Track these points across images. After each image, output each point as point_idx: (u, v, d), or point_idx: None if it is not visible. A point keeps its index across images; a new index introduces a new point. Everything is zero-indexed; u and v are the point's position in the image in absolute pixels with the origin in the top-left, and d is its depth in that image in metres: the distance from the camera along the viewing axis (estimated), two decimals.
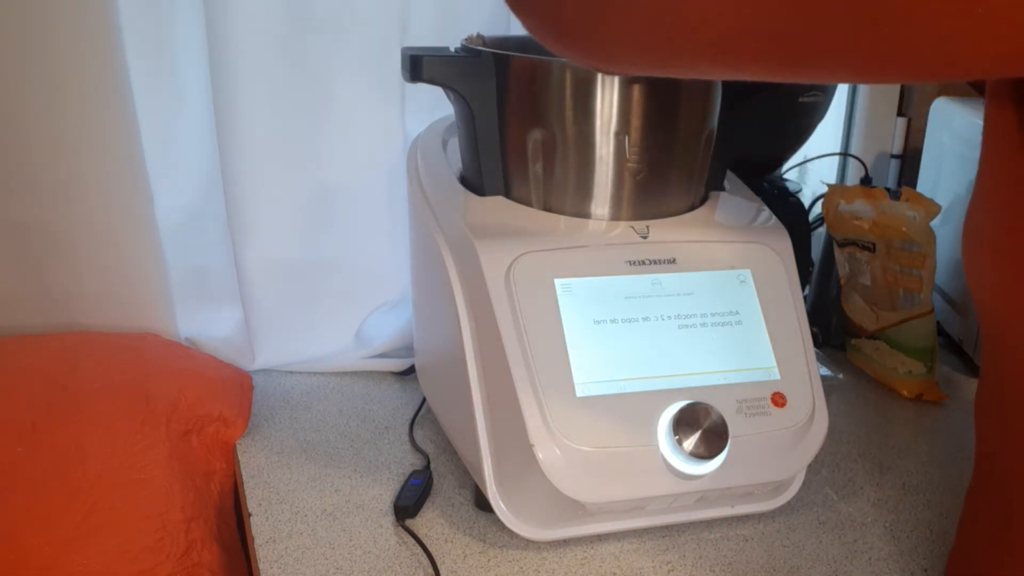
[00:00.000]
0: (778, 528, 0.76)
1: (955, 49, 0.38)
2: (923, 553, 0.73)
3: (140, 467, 0.77)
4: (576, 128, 0.69)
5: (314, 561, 0.70)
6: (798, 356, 0.71)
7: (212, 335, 0.99)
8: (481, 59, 0.71)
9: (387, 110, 0.94)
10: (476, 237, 0.68)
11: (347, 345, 1.02)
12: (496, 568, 0.70)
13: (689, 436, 0.64)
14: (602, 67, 0.52)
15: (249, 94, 0.89)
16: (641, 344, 0.67)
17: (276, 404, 0.93)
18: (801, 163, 1.19)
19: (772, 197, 0.93)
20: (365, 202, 0.97)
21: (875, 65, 0.41)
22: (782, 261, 0.73)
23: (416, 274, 0.87)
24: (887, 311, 0.98)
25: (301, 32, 0.89)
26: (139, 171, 0.90)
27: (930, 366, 0.97)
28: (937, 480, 0.84)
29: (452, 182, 0.77)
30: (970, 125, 1.05)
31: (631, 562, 0.71)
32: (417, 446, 0.86)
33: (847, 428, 0.92)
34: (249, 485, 0.80)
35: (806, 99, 0.94)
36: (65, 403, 0.80)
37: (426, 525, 0.75)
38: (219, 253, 0.98)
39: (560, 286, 0.67)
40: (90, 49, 0.84)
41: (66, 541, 0.71)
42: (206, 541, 0.77)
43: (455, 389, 0.74)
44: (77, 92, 0.85)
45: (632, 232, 0.71)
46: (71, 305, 0.94)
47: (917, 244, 0.95)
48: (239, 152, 0.91)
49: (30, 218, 0.90)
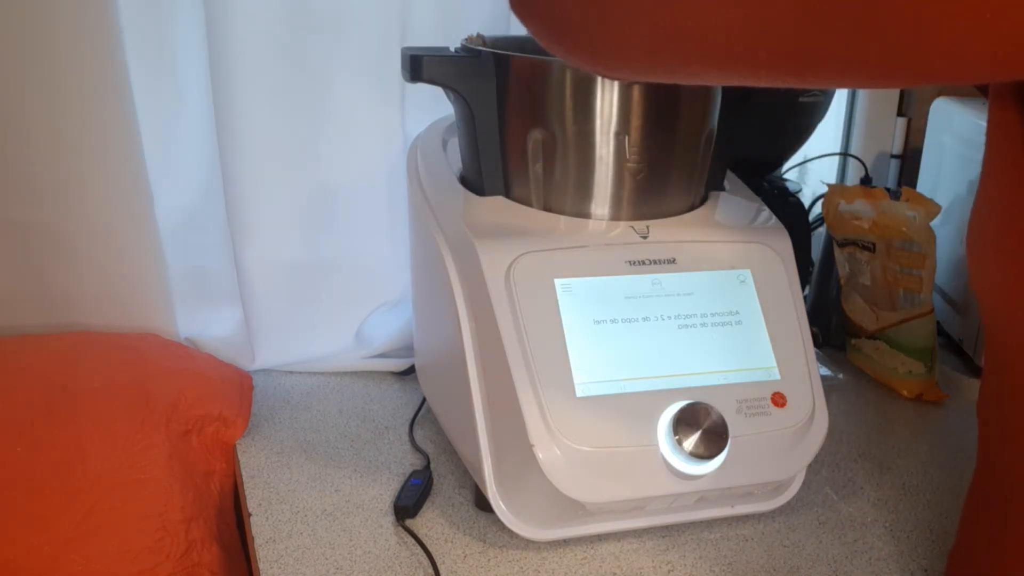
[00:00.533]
0: (778, 528, 0.76)
1: (962, 54, 0.38)
2: (923, 553, 0.73)
3: (140, 467, 0.77)
4: (576, 128, 0.69)
5: (314, 561, 0.70)
6: (798, 356, 0.71)
7: (212, 335, 0.99)
8: (481, 59, 0.71)
9: (387, 110, 0.94)
10: (476, 237, 0.68)
11: (347, 345, 1.02)
12: (496, 568, 0.70)
13: (689, 436, 0.64)
14: (606, 73, 0.52)
15: (249, 94, 0.89)
16: (641, 344, 0.67)
17: (276, 404, 0.93)
18: (801, 163, 1.19)
19: (772, 197, 0.93)
20: (365, 202, 0.97)
21: (882, 71, 0.41)
22: (782, 261, 0.73)
23: (416, 274, 0.87)
24: (887, 311, 0.98)
25: (301, 32, 0.89)
26: (139, 171, 0.90)
27: (930, 366, 0.97)
28: (937, 480, 0.84)
29: (452, 182, 0.77)
30: (970, 125, 1.05)
31: (631, 562, 0.71)
32: (417, 446, 0.86)
33: (847, 428, 0.92)
34: (249, 485, 0.80)
35: (806, 99, 0.94)
36: (65, 403, 0.80)
37: (426, 525, 0.75)
38: (219, 253, 0.98)
39: (560, 286, 0.67)
40: (90, 49, 0.84)
41: (66, 541, 0.71)
42: (206, 541, 0.76)
43: (455, 389, 0.74)
44: (77, 92, 0.85)
45: (632, 232, 0.71)
46: (71, 305, 0.94)
47: (917, 244, 0.95)
48: (239, 152, 0.91)
49: (30, 218, 0.90)
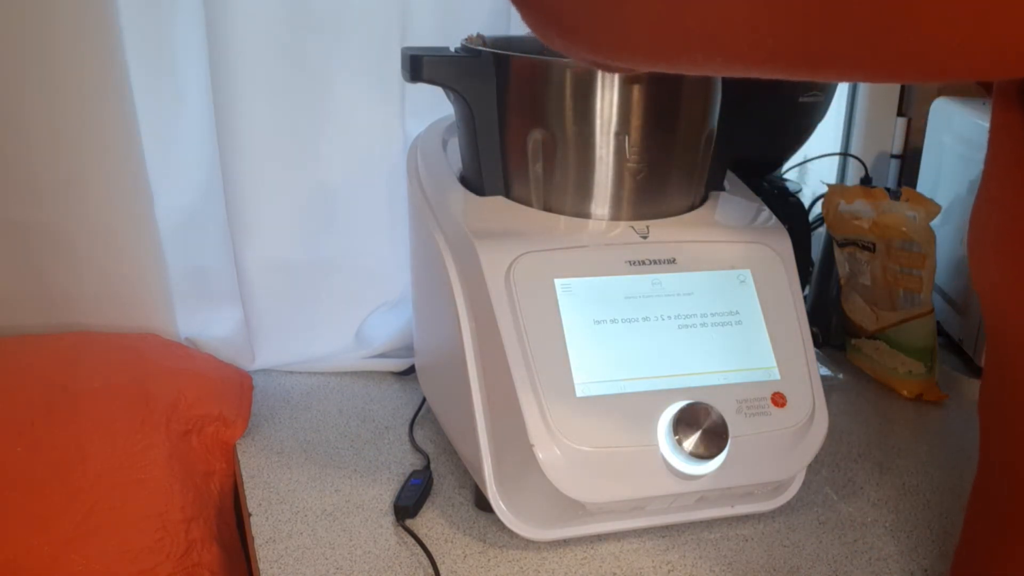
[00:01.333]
0: (778, 528, 0.76)
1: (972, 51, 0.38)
2: (923, 553, 0.73)
3: (140, 467, 0.77)
4: (576, 128, 0.69)
5: (314, 561, 0.70)
6: (798, 356, 0.71)
7: (212, 335, 0.99)
8: (481, 59, 0.71)
9: (387, 110, 0.94)
10: (476, 237, 0.68)
11: (347, 345, 1.02)
12: (496, 568, 0.70)
13: (689, 436, 0.64)
14: (605, 63, 0.52)
15: (249, 94, 0.89)
16: (641, 344, 0.67)
17: (276, 404, 0.93)
18: (801, 163, 1.19)
19: (772, 197, 0.92)
20: (365, 202, 0.97)
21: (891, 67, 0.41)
22: (782, 261, 0.73)
23: (416, 274, 0.87)
24: (887, 311, 0.98)
25: (301, 32, 0.89)
26: (139, 171, 0.90)
27: (930, 366, 0.97)
28: (937, 480, 0.84)
29: (452, 182, 0.77)
30: (970, 125, 1.05)
31: (631, 562, 0.71)
32: (417, 446, 0.86)
33: (847, 428, 0.92)
34: (249, 485, 0.80)
35: (806, 99, 0.94)
36: (65, 403, 0.80)
37: (426, 525, 0.75)
38: (219, 253, 0.97)
39: (560, 286, 0.67)
40: (90, 49, 0.84)
41: (66, 541, 0.71)
42: (206, 541, 0.76)
43: (455, 389, 0.74)
44: (77, 92, 0.85)
45: (632, 232, 0.71)
46: (71, 305, 0.94)
47: (917, 244, 0.95)
48: (239, 152, 0.91)
49: (30, 218, 0.90)
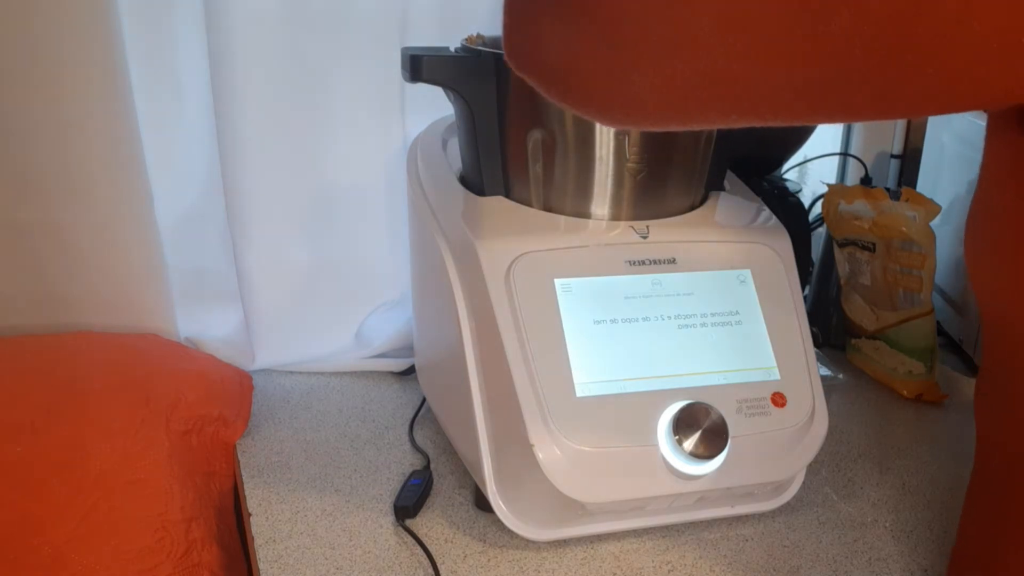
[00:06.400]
0: (778, 528, 0.76)
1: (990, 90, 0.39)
2: (923, 553, 0.73)
3: (140, 467, 0.77)
4: (576, 128, 0.69)
5: (314, 561, 0.70)
6: (798, 356, 0.71)
7: (212, 335, 0.99)
8: (481, 59, 0.71)
9: (387, 110, 0.94)
10: (476, 237, 0.68)
11: (347, 345, 1.02)
12: (496, 568, 0.70)
13: (689, 436, 0.64)
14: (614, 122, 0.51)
15: (249, 94, 0.89)
16: (641, 344, 0.67)
17: (276, 404, 0.93)
18: (801, 163, 1.19)
19: (772, 197, 0.93)
20: (365, 202, 0.97)
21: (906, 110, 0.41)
22: (782, 261, 0.73)
23: (416, 274, 0.87)
24: (887, 311, 0.98)
25: (301, 32, 0.89)
26: (139, 171, 0.90)
27: (930, 366, 0.97)
28: (937, 480, 0.84)
29: (452, 182, 0.77)
30: (970, 125, 1.05)
31: (631, 562, 0.71)
32: (417, 446, 0.86)
33: (847, 428, 0.92)
34: (249, 485, 0.80)
35: None
36: (65, 403, 0.80)
37: (426, 525, 0.75)
38: (219, 253, 0.98)
39: (560, 286, 0.67)
40: (90, 49, 0.84)
41: (66, 541, 0.71)
42: (206, 541, 0.76)
43: (455, 389, 0.74)
44: (77, 92, 0.85)
45: (632, 232, 0.71)
46: (71, 305, 0.94)
47: (917, 244, 0.95)
48: (239, 152, 0.91)
49: (31, 218, 0.90)
